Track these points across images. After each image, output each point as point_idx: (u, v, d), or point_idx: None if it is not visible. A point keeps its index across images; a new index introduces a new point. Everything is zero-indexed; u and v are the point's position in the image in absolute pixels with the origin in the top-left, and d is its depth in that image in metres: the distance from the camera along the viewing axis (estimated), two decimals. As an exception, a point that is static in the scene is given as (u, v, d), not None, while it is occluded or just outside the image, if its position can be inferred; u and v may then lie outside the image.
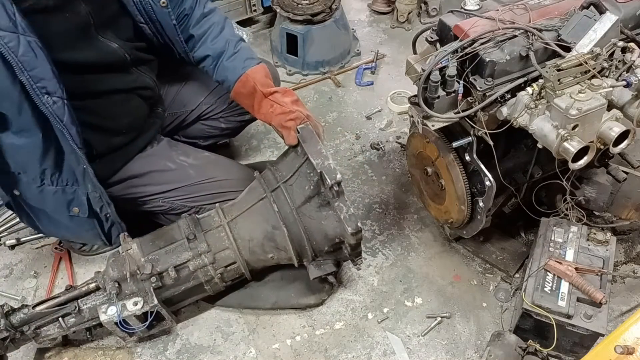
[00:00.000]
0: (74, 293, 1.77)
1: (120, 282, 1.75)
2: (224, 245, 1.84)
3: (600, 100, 1.53)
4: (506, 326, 2.00)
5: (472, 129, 1.73)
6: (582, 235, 1.91)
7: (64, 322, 1.76)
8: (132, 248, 1.80)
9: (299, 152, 1.81)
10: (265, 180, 1.89)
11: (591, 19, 1.63)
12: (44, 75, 1.49)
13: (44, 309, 1.74)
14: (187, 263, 1.80)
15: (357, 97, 2.97)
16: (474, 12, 1.73)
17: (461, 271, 2.20)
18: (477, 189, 1.88)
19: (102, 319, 1.70)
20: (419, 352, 1.97)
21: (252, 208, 1.87)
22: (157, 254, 1.80)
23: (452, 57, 1.62)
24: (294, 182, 1.81)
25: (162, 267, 1.78)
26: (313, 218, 1.80)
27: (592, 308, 1.74)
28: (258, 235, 1.85)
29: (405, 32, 3.36)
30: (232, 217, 1.88)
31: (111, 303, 1.73)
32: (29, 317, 1.73)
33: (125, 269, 1.75)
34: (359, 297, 2.13)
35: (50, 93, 1.52)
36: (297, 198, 1.80)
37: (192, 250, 1.81)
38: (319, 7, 2.95)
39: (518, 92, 1.62)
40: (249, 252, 1.87)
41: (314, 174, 1.75)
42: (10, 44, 1.40)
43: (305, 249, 1.85)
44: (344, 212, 1.73)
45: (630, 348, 1.32)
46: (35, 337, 1.76)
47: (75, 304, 1.76)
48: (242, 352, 1.98)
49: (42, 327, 1.77)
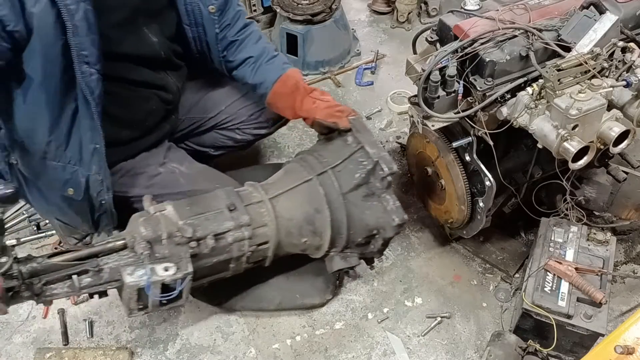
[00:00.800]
0: (97, 248, 1.56)
1: (152, 244, 1.56)
2: (263, 221, 1.76)
3: (600, 100, 1.53)
4: (506, 326, 2.00)
5: (472, 129, 1.73)
6: (582, 235, 1.91)
7: (77, 281, 1.52)
8: (167, 209, 1.64)
9: (350, 141, 1.84)
10: (307, 164, 1.87)
11: (591, 19, 1.64)
12: (90, 45, 1.53)
13: (61, 261, 1.52)
14: (227, 233, 1.68)
15: (357, 97, 2.97)
16: (474, 12, 1.73)
17: (461, 271, 2.20)
18: (477, 189, 1.88)
19: (126, 281, 1.49)
20: (419, 352, 1.97)
21: (295, 188, 1.82)
22: (195, 219, 1.66)
23: (452, 57, 1.62)
24: (342, 169, 1.81)
25: (201, 233, 1.63)
26: (357, 206, 1.80)
27: (592, 308, 1.74)
28: (299, 216, 1.81)
29: (405, 32, 3.36)
30: (273, 194, 1.81)
31: (139, 265, 1.52)
32: (42, 268, 1.50)
33: (161, 229, 1.57)
34: (359, 297, 2.13)
35: (89, 63, 1.55)
36: (344, 184, 1.80)
37: (234, 221, 1.69)
38: (319, 7, 2.95)
39: (518, 92, 1.62)
40: (285, 233, 1.81)
41: (368, 163, 1.77)
42: (71, 6, 1.46)
43: (341, 238, 1.84)
44: (390, 204, 1.77)
45: (630, 348, 1.32)
46: (40, 294, 1.52)
47: (96, 262, 1.54)
48: (242, 352, 1.98)
49: (51, 283, 1.53)
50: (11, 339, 2.01)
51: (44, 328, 2.03)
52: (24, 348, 1.98)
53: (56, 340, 2.00)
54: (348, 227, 1.81)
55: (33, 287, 1.47)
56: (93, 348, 1.97)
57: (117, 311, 2.08)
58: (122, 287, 1.53)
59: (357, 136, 1.81)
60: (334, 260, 1.89)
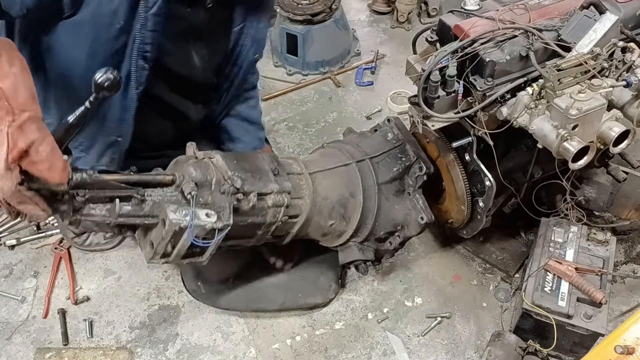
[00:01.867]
0: (146, 177, 1.49)
1: (199, 187, 1.51)
2: (301, 194, 1.75)
3: (600, 100, 1.53)
4: (506, 326, 2.00)
5: (472, 129, 1.73)
6: (582, 235, 1.91)
7: (118, 206, 1.44)
8: (215, 158, 1.61)
9: (390, 137, 1.94)
10: (346, 150, 1.92)
11: (591, 19, 1.63)
12: (153, 41, 1.52)
13: (111, 179, 1.44)
14: (269, 195, 1.66)
15: (357, 97, 2.97)
16: (474, 12, 1.73)
17: (461, 271, 2.20)
18: (477, 189, 1.88)
19: (170, 217, 1.42)
20: (419, 352, 1.97)
21: (334, 170, 1.86)
22: (244, 174, 1.62)
23: (452, 57, 1.62)
24: (380, 161, 1.89)
25: (248, 189, 1.60)
26: (389, 199, 1.86)
27: (592, 308, 1.74)
28: (334, 196, 1.82)
29: (405, 32, 3.36)
30: (312, 170, 1.82)
31: (182, 205, 1.46)
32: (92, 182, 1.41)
33: (211, 174, 1.53)
34: (359, 297, 2.13)
35: (146, 59, 1.55)
36: (381, 176, 1.87)
37: (278, 185, 1.68)
38: (319, 7, 2.95)
39: (518, 92, 1.62)
40: (317, 210, 1.80)
41: (407, 160, 1.87)
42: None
43: (366, 227, 1.87)
44: (420, 202, 1.87)
45: (630, 348, 1.32)
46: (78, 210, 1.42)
47: (143, 191, 1.47)
48: (242, 352, 1.98)
49: (92, 201, 1.44)
50: (11, 339, 2.01)
51: (44, 328, 2.03)
52: (24, 348, 1.98)
53: (56, 340, 2.00)
54: (375, 218, 1.86)
55: (75, 199, 1.38)
56: (93, 348, 1.97)
57: (117, 311, 2.08)
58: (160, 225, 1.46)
59: (397, 134, 1.92)
60: (352, 250, 1.89)
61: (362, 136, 2.01)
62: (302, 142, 2.73)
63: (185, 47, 1.74)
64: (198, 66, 1.80)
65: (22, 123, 1.08)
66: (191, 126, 1.98)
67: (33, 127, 1.10)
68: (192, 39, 1.74)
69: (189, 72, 1.80)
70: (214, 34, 1.78)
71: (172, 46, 1.68)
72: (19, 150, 1.07)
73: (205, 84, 1.89)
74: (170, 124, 1.90)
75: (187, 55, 1.76)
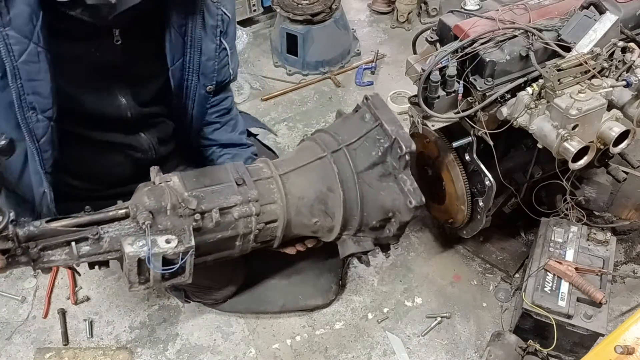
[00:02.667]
0: (98, 216, 1.49)
1: (154, 214, 1.49)
2: (272, 198, 1.68)
3: (600, 100, 1.53)
4: (506, 326, 2.00)
5: (472, 129, 1.73)
6: (582, 235, 1.91)
7: (76, 249, 1.45)
8: (172, 180, 1.57)
9: (368, 119, 1.74)
10: (322, 141, 1.78)
11: (591, 19, 1.63)
12: (38, 92, 1.37)
13: (60, 226, 1.45)
14: (233, 208, 1.60)
15: (357, 97, 2.97)
16: (474, 12, 1.73)
17: (461, 271, 2.20)
18: (477, 189, 1.88)
19: (126, 251, 1.42)
20: (419, 352, 1.97)
21: (307, 166, 1.74)
22: (202, 191, 1.58)
23: (452, 57, 1.62)
24: (357, 147, 1.72)
25: (206, 206, 1.56)
26: (372, 187, 1.71)
27: (592, 308, 1.74)
28: (310, 194, 1.73)
29: (405, 32, 3.36)
30: (284, 171, 1.73)
31: (140, 236, 1.45)
32: (40, 233, 1.42)
33: (165, 200, 1.50)
34: (359, 297, 2.13)
35: (36, 110, 1.39)
36: (359, 163, 1.71)
37: (242, 195, 1.61)
38: (319, 7, 2.95)
39: (518, 92, 1.62)
40: (295, 212, 1.73)
41: (385, 140, 1.67)
42: (14, 46, 1.29)
43: (354, 219, 1.75)
44: (407, 184, 1.67)
45: (630, 348, 1.32)
46: (36, 259, 1.44)
47: (96, 229, 1.47)
48: (242, 352, 1.98)
49: (49, 248, 1.46)
50: (11, 339, 2.01)
51: (44, 328, 2.04)
52: (24, 348, 1.98)
53: (56, 340, 2.00)
54: (361, 209, 1.73)
55: (29, 252, 1.39)
56: (93, 348, 1.97)
57: (117, 311, 2.08)
58: (123, 258, 1.46)
59: (375, 112, 1.70)
60: (347, 244, 1.79)
61: (343, 120, 1.86)
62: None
63: (99, 88, 1.56)
64: (124, 103, 1.61)
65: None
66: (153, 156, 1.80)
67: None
68: (109, 78, 1.55)
69: (113, 111, 1.61)
70: (141, 71, 1.60)
71: (81, 89, 1.52)
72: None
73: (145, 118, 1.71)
74: (122, 159, 1.75)
75: (109, 95, 1.58)
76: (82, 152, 1.63)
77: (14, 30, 1.27)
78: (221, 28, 1.61)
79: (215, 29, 1.59)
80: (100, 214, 1.48)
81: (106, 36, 1.45)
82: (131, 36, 1.47)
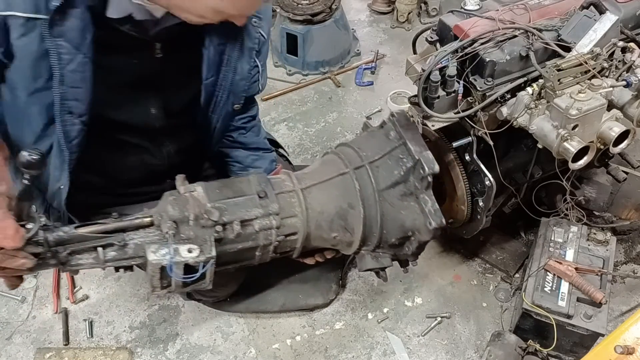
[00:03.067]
0: (124, 223, 1.56)
1: (178, 224, 1.55)
2: (293, 212, 1.71)
3: (600, 100, 1.53)
4: (506, 326, 2.00)
5: (472, 129, 1.73)
6: (582, 235, 1.91)
7: (102, 254, 1.53)
8: (196, 191, 1.62)
9: (392, 136, 1.76)
10: (345, 156, 1.80)
11: (591, 19, 1.63)
12: (78, 98, 1.44)
13: (88, 232, 1.53)
14: (254, 220, 1.65)
15: (357, 97, 2.97)
16: (474, 12, 1.73)
17: (461, 271, 2.20)
18: (477, 189, 1.88)
19: (149, 259, 1.49)
20: (419, 352, 1.97)
21: (329, 181, 1.76)
22: (224, 203, 1.63)
23: (452, 57, 1.62)
24: (380, 165, 1.74)
25: (228, 218, 1.61)
26: (393, 205, 1.73)
27: (592, 308, 1.74)
28: (331, 210, 1.75)
29: (405, 32, 3.35)
30: (306, 185, 1.76)
31: (163, 244, 1.51)
32: (69, 238, 1.51)
33: (188, 210, 1.55)
34: (359, 297, 2.13)
35: (73, 114, 1.47)
36: (381, 181, 1.73)
37: (263, 209, 1.66)
38: (319, 7, 2.95)
39: (518, 92, 1.62)
40: (315, 226, 1.75)
41: (408, 160, 1.70)
42: (65, 55, 1.36)
43: (373, 236, 1.76)
44: (428, 205, 1.69)
45: (630, 348, 1.32)
46: (65, 262, 1.52)
47: (122, 236, 1.55)
48: (242, 352, 1.98)
49: (77, 253, 1.54)
50: (11, 339, 2.01)
51: (44, 328, 2.04)
52: (24, 348, 1.98)
53: (56, 340, 2.00)
54: (381, 226, 1.74)
55: (58, 255, 1.47)
56: (93, 348, 1.97)
57: (117, 311, 2.08)
58: (146, 264, 1.52)
59: (400, 131, 1.72)
60: (365, 259, 1.81)
61: (368, 135, 1.91)
62: (302, 142, 2.73)
63: (137, 98, 1.64)
64: (155, 114, 1.67)
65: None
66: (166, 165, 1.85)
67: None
68: (145, 89, 1.62)
69: (141, 120, 1.67)
70: (175, 84, 1.65)
71: (119, 97, 1.58)
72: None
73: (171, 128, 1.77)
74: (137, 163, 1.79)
75: (141, 105, 1.65)
76: (102, 152, 1.69)
77: (66, 41, 1.34)
78: (256, 48, 1.66)
79: (251, 50, 1.64)
80: (126, 221, 1.55)
81: (148, 49, 1.51)
82: (171, 50, 1.53)
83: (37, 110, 1.48)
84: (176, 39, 1.50)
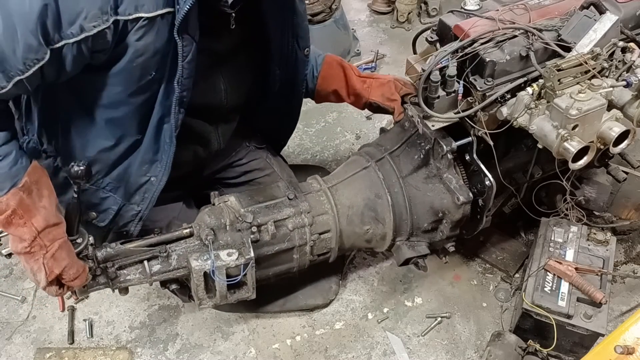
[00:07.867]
0: (166, 236, 1.65)
1: (215, 231, 1.64)
2: (323, 209, 1.79)
3: (600, 100, 1.53)
4: (506, 326, 2.00)
5: (472, 129, 1.73)
6: (582, 235, 1.91)
7: (148, 267, 1.61)
8: (229, 200, 1.72)
9: (407, 126, 1.85)
10: (366, 153, 1.88)
11: (591, 19, 1.64)
12: (189, 88, 1.47)
13: (133, 247, 1.61)
14: (287, 220, 1.73)
15: (357, 97, 2.97)
16: (474, 12, 1.73)
17: (461, 271, 2.20)
18: (477, 189, 1.88)
19: (193, 266, 1.56)
20: (419, 352, 1.97)
21: (354, 176, 1.84)
22: (256, 207, 1.73)
23: (452, 57, 1.62)
24: (400, 153, 1.83)
25: (262, 220, 1.70)
26: (419, 189, 1.79)
27: (592, 308, 1.74)
28: (359, 202, 1.82)
29: (405, 32, 3.36)
30: (332, 183, 1.84)
31: (204, 252, 1.60)
32: (116, 253, 1.59)
33: (224, 217, 1.65)
34: (359, 297, 2.13)
35: (182, 104, 1.50)
36: (404, 168, 1.81)
37: (294, 208, 1.74)
38: (319, 7, 2.95)
39: (518, 92, 1.62)
40: (346, 221, 1.82)
41: (426, 143, 1.76)
42: (186, 47, 1.39)
43: (405, 223, 1.82)
44: (453, 182, 1.75)
45: (630, 348, 1.32)
46: (114, 278, 1.59)
47: (164, 248, 1.62)
48: (242, 352, 1.98)
49: (124, 268, 1.61)
50: (11, 339, 2.01)
51: (44, 328, 2.04)
52: (24, 348, 1.98)
53: (56, 340, 2.00)
54: (410, 212, 1.80)
55: (107, 271, 1.57)
56: (93, 348, 1.97)
57: (117, 311, 2.08)
58: (190, 274, 1.61)
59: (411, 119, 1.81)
60: (402, 250, 1.84)
61: (386, 132, 1.98)
62: (302, 142, 2.73)
63: (212, 75, 1.69)
64: (224, 89, 1.75)
65: (54, 253, 1.37)
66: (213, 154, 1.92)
67: (63, 254, 1.39)
68: (218, 66, 1.68)
69: (214, 99, 1.75)
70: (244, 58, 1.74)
71: (200, 80, 1.61)
72: (54, 275, 1.39)
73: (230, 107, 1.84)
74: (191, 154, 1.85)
75: (214, 82, 1.71)
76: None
77: (188, 33, 1.38)
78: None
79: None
80: (167, 234, 1.66)
81: (225, 24, 1.56)
82: (241, 19, 1.58)
83: (132, 110, 1.52)
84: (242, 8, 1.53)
